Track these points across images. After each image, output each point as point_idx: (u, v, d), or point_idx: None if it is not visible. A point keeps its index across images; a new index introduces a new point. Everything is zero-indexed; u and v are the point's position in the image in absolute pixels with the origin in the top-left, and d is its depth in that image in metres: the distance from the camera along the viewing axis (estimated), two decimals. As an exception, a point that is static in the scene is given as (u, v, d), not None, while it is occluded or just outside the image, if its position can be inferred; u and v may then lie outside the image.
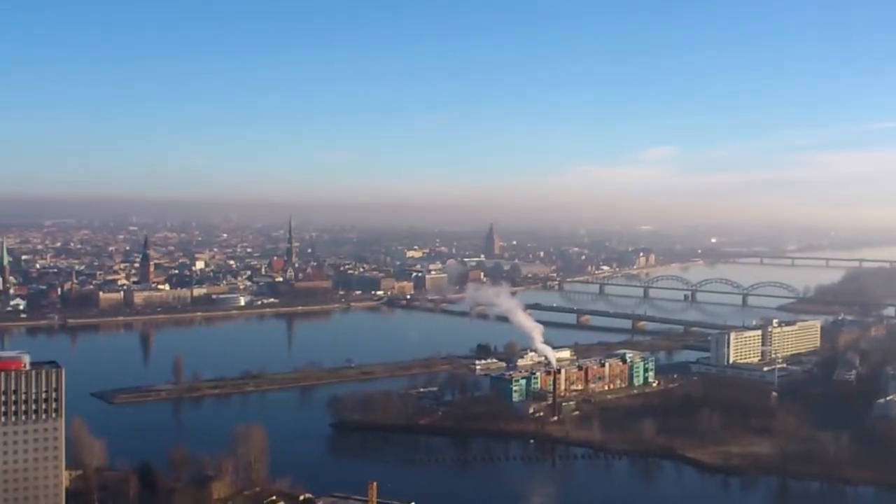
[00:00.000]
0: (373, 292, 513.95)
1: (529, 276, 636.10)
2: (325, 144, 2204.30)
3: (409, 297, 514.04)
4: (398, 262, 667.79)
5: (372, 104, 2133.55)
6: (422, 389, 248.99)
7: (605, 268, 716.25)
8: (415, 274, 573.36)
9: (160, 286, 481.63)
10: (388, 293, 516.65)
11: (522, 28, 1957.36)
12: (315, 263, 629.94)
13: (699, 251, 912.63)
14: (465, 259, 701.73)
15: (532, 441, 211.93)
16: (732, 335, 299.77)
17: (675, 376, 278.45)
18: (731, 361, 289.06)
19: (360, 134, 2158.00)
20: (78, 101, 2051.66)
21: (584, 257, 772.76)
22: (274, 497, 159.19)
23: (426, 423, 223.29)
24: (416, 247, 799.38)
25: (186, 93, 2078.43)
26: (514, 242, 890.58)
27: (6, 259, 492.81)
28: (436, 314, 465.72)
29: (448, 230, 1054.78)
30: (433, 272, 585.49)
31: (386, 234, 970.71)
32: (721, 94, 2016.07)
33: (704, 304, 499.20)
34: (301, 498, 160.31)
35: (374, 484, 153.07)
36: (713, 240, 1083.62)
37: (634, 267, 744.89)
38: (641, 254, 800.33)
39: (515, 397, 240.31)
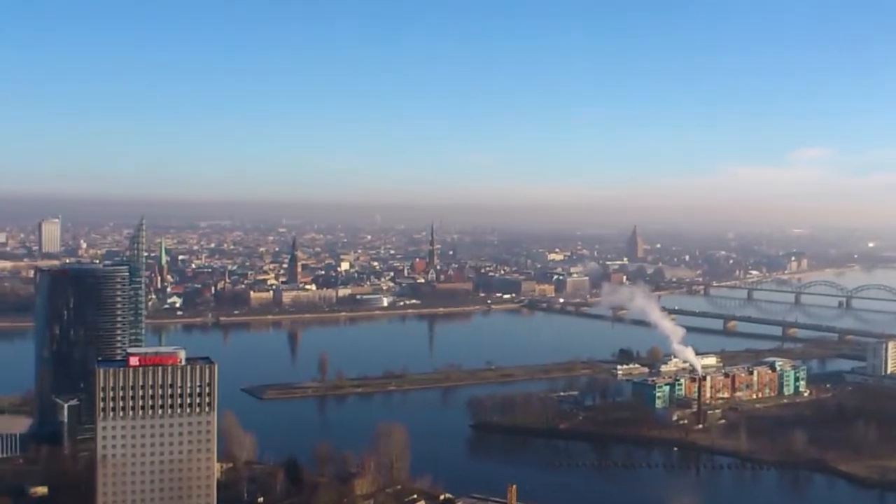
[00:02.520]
0: (513, 294, 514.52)
1: (674, 279, 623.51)
2: (468, 147, 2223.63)
3: (549, 299, 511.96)
4: (539, 265, 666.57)
5: (514, 107, 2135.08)
6: (562, 393, 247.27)
7: (755, 272, 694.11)
8: (555, 277, 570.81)
9: (307, 286, 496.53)
10: (529, 296, 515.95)
11: (663, 24, 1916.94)
12: (456, 265, 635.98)
13: (855, 256, 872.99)
14: (608, 262, 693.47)
15: (675, 449, 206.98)
16: (891, 344, 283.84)
17: (829, 386, 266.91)
18: (889, 371, 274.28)
19: (502, 136, 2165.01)
20: (231, 108, 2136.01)
21: (731, 261, 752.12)
22: (414, 496, 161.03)
23: (566, 427, 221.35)
24: (557, 249, 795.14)
25: (361, 97, 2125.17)
26: (659, 245, 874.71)
27: (164, 259, 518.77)
28: (576, 317, 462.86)
29: (590, 233, 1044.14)
30: (574, 275, 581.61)
31: (527, 236, 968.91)
32: (879, 93, 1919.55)
33: (861, 311, 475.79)
34: (441, 497, 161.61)
35: (514, 486, 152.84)
36: (870, 244, 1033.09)
37: (785, 272, 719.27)
38: (793, 258, 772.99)
39: (658, 404, 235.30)
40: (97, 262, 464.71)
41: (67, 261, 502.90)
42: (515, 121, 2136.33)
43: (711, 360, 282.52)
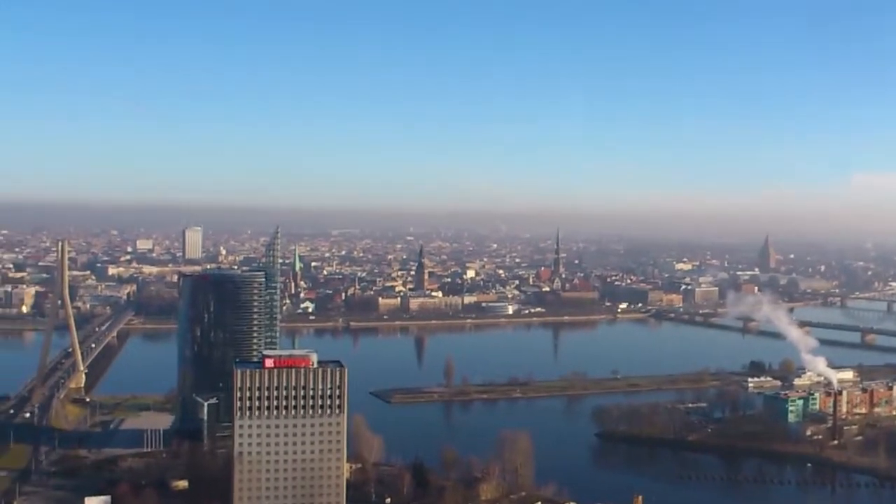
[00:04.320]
0: (640, 304, 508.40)
1: (808, 291, 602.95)
2: (591, 155, 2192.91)
3: (677, 309, 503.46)
4: (666, 275, 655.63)
5: (641, 113, 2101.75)
6: (690, 405, 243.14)
7: (895, 284, 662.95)
8: (684, 286, 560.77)
9: (434, 293, 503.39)
10: (656, 305, 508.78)
11: (796, 32, 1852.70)
12: (582, 274, 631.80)
13: None
14: (738, 272, 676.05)
15: (809, 465, 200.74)
16: None
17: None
18: None
19: (629, 143, 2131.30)
20: (359, 119, 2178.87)
21: (870, 272, 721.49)
22: (539, 503, 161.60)
23: (694, 439, 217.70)
24: (685, 259, 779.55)
25: (485, 105, 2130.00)
26: (792, 256, 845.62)
27: (298, 265, 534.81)
28: (705, 328, 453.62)
29: (720, 242, 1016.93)
30: (703, 285, 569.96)
31: (654, 245, 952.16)
32: None
33: None
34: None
35: (640, 498, 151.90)
36: None
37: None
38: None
39: (791, 418, 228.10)
40: (236, 267, 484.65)
41: (208, 266, 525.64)
42: (639, 127, 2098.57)
43: (848, 374, 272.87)
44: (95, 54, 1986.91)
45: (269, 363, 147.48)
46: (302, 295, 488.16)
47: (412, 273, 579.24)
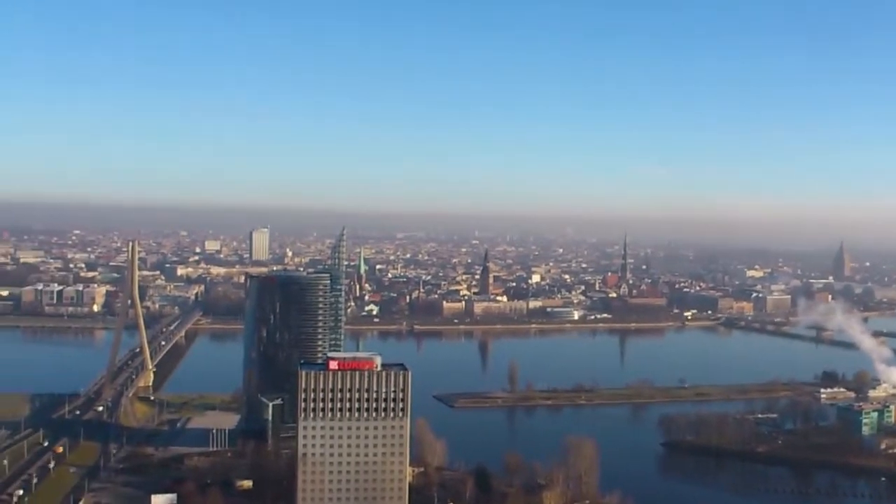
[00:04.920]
0: (709, 312, 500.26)
1: (884, 300, 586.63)
2: (661, 159, 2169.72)
3: (748, 317, 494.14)
4: (737, 282, 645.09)
5: (706, 119, 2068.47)
6: (760, 415, 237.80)
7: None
8: (755, 294, 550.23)
9: (498, 297, 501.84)
10: (726, 313, 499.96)
11: (853, 35, 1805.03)
12: (649, 280, 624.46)
13: None
14: (811, 280, 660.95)
15: (883, 479, 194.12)
16: None
17: None
18: None
19: (697, 148, 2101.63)
20: (425, 125, 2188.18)
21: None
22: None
23: (764, 450, 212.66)
24: (756, 266, 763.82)
25: (549, 109, 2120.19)
26: (868, 264, 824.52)
27: (363, 268, 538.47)
28: (776, 337, 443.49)
29: (792, 250, 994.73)
30: (775, 293, 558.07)
31: (724, 252, 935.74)
32: None
33: None
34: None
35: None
36: None
37: None
38: None
39: (865, 430, 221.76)
40: (302, 269, 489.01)
41: (275, 268, 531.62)
42: (707, 133, 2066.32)
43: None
44: (146, 51, 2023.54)
45: (333, 365, 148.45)
46: (367, 297, 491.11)
47: (477, 277, 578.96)
